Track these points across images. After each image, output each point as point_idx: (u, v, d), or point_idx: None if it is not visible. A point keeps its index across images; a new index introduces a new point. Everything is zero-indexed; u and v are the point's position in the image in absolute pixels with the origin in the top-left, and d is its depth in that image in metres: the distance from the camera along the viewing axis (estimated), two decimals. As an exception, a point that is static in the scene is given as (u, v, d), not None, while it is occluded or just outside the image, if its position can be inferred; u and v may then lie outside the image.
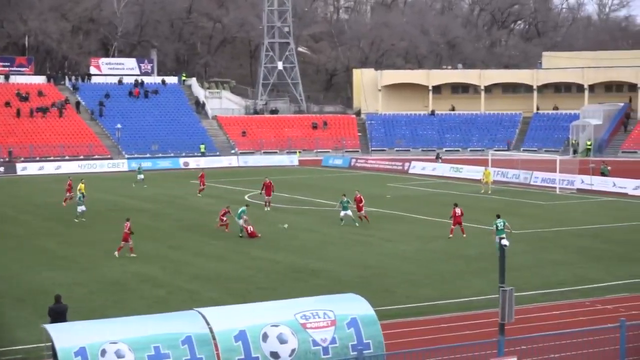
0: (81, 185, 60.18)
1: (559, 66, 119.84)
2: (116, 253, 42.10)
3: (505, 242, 23.17)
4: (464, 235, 47.50)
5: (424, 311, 31.43)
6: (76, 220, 54.03)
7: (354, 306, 21.60)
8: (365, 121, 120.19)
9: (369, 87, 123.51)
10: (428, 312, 31.32)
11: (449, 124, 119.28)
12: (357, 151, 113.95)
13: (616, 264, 40.27)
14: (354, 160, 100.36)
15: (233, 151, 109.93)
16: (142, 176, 78.25)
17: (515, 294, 23.00)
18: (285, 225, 50.89)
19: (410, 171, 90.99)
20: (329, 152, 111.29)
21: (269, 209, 59.17)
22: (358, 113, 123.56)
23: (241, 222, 48.21)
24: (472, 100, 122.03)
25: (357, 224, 51.60)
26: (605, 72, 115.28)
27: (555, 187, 71.56)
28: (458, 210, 47.87)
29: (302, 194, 69.15)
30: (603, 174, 77.40)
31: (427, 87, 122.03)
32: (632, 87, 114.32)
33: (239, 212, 48.72)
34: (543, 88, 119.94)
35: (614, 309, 31.12)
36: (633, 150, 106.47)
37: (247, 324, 20.38)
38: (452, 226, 48.02)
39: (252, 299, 31.75)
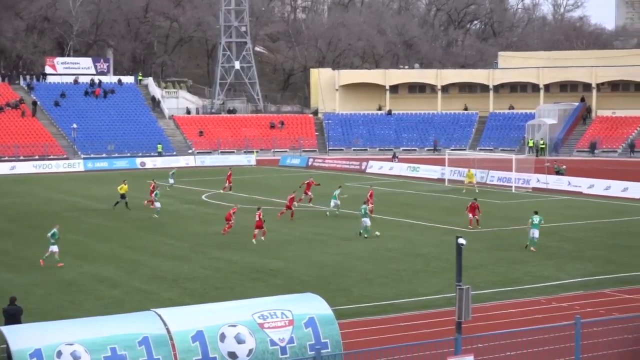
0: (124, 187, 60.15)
1: (514, 66, 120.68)
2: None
3: (462, 240, 23.22)
4: (479, 227, 49.99)
5: (382, 310, 31.50)
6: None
7: (312, 306, 21.61)
8: (322, 121, 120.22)
9: (327, 86, 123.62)
10: (385, 311, 31.40)
11: (405, 123, 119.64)
12: (315, 151, 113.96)
13: (571, 262, 40.65)
14: (311, 160, 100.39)
15: (190, 151, 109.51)
16: (172, 180, 73.54)
17: (473, 292, 23.12)
18: (378, 233, 48.08)
19: (368, 170, 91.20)
20: (286, 151, 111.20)
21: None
22: (315, 113, 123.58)
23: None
24: (428, 100, 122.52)
25: (377, 233, 48.23)
26: (560, 71, 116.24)
27: (511, 186, 72.06)
28: (470, 204, 50.96)
29: (260, 193, 69.06)
30: (558, 173, 78.08)
31: (384, 86, 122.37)
32: (587, 86, 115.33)
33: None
34: (499, 88, 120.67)
35: (569, 307, 31.41)
36: (587, 149, 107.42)
37: (205, 324, 20.32)
38: (470, 217, 50.59)
39: (209, 299, 31.68)
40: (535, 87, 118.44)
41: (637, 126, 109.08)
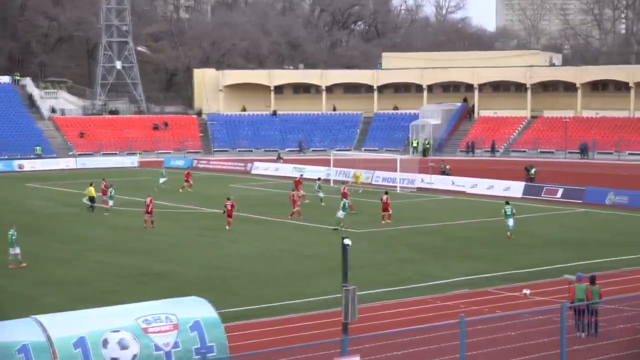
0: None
1: (398, 67, 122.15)
2: None
3: (347, 241, 23.29)
4: (389, 221, 52.34)
5: (269, 312, 31.43)
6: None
7: (197, 309, 21.40)
8: (206, 122, 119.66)
9: (211, 87, 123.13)
10: (273, 312, 31.34)
11: (290, 124, 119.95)
12: (199, 152, 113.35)
13: (456, 260, 41.29)
14: (195, 161, 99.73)
15: (71, 153, 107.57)
16: (164, 179, 74.75)
17: (361, 292, 23.23)
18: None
19: (253, 172, 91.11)
20: (170, 153, 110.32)
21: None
22: (199, 113, 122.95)
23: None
24: (313, 101, 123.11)
25: (341, 220, 50.72)
26: (442, 72, 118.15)
27: (396, 186, 72.88)
28: (384, 197, 53.03)
29: (143, 195, 68.13)
30: (444, 173, 79.31)
31: (269, 87, 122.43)
32: (469, 87, 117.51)
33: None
34: (383, 88, 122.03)
35: (454, 305, 31.86)
36: (468, 149, 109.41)
37: (87, 330, 19.92)
38: (382, 212, 53.00)
39: (95, 303, 31.08)
40: (418, 88, 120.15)
41: (517, 126, 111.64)
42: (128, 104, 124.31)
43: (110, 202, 59.74)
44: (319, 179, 66.80)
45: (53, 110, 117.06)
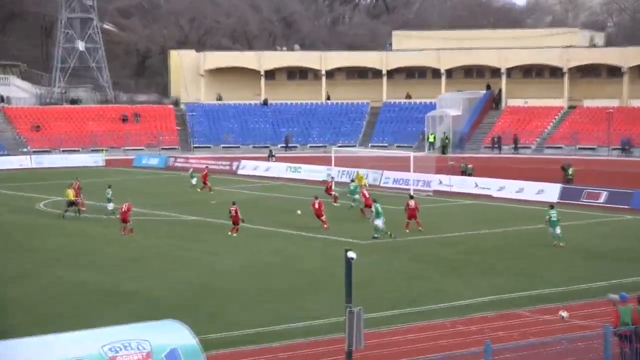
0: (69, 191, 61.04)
1: (411, 47, 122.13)
2: None
3: (351, 254, 23.31)
4: (420, 229, 52.52)
5: (258, 338, 31.40)
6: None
7: (173, 335, 21.39)
8: (185, 113, 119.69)
9: (190, 72, 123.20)
10: (262, 339, 31.31)
11: (284, 115, 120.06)
12: (176, 148, 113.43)
13: (479, 276, 41.20)
14: (172, 160, 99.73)
15: (24, 150, 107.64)
16: (194, 180, 77.16)
17: (365, 315, 23.19)
18: (299, 212, 51.96)
19: (240, 172, 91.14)
20: (142, 149, 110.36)
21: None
22: (176, 103, 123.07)
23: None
24: (311, 88, 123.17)
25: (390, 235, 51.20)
26: (464, 54, 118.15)
27: (409, 189, 72.82)
28: (412, 203, 52.61)
29: (118, 202, 68.19)
30: (465, 173, 79.32)
31: (259, 72, 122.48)
32: (495, 71, 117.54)
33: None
34: (394, 73, 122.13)
35: (477, 330, 31.81)
36: (494, 145, 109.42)
37: (44, 359, 19.92)
38: (407, 220, 52.64)
39: (52, 327, 31.09)
40: (435, 73, 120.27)
41: (552, 117, 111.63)
42: (92, 92, 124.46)
43: (110, 206, 60.45)
44: (352, 180, 68.09)
45: (2, 100, 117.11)
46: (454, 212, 63.29)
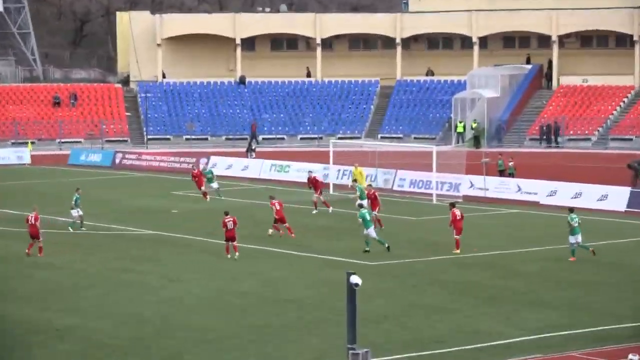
0: None
1: (434, 9, 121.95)
2: None
3: (356, 279, 23.20)
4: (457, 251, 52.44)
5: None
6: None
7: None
8: (137, 94, 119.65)
9: (143, 40, 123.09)
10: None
11: (267, 97, 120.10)
12: (126, 141, 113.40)
13: (520, 308, 41.11)
14: (120, 156, 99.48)
15: None
16: (216, 184, 76.39)
17: (374, 359, 23.06)
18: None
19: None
20: (80, 142, 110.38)
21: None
22: (126, 81, 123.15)
23: None
24: (302, 61, 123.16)
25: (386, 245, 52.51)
26: (502, 17, 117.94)
27: (430, 194, 72.73)
28: (458, 213, 52.39)
29: (43, 210, 68.02)
30: (503, 173, 79.21)
31: (233, 40, 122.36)
32: (544, 40, 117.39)
33: None
34: (411, 42, 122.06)
35: (520, 380, 31.81)
36: (543, 137, 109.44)
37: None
38: (456, 236, 52.62)
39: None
40: (466, 41, 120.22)
41: (620, 100, 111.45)
42: (14, 67, 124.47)
43: (75, 212, 60.21)
44: (355, 180, 68.34)
45: None
46: (490, 225, 63.22)
